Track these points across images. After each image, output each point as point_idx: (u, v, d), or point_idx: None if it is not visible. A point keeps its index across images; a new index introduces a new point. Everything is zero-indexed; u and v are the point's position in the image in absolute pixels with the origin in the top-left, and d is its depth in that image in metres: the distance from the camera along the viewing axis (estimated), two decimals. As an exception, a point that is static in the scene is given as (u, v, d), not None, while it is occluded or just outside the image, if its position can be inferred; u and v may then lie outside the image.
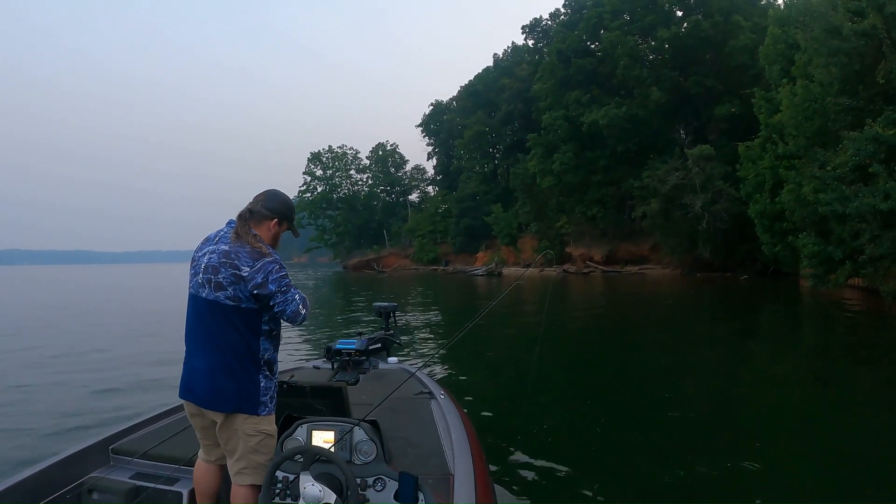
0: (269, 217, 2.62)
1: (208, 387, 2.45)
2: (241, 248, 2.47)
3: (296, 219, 2.85)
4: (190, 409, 2.59)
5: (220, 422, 2.49)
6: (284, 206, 2.69)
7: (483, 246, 63.75)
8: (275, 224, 2.64)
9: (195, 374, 2.49)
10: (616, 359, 10.46)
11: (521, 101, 59.49)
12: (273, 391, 2.56)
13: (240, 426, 2.46)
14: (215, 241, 2.56)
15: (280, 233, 2.70)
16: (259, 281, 2.42)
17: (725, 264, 36.85)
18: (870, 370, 9.05)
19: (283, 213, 2.67)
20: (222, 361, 2.45)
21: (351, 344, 4.63)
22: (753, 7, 41.60)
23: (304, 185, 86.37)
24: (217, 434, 2.54)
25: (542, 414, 6.28)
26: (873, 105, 17.65)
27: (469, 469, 2.65)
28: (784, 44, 26.41)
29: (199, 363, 2.49)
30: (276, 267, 2.47)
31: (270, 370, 2.55)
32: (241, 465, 2.48)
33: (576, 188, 47.88)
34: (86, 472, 2.95)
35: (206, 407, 2.48)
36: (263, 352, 2.51)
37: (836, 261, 18.67)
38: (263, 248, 2.49)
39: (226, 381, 2.43)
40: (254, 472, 2.47)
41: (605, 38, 45.08)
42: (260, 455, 2.48)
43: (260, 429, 2.49)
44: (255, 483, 2.47)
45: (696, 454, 5.05)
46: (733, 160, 32.13)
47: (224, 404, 2.44)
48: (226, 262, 2.46)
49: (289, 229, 2.74)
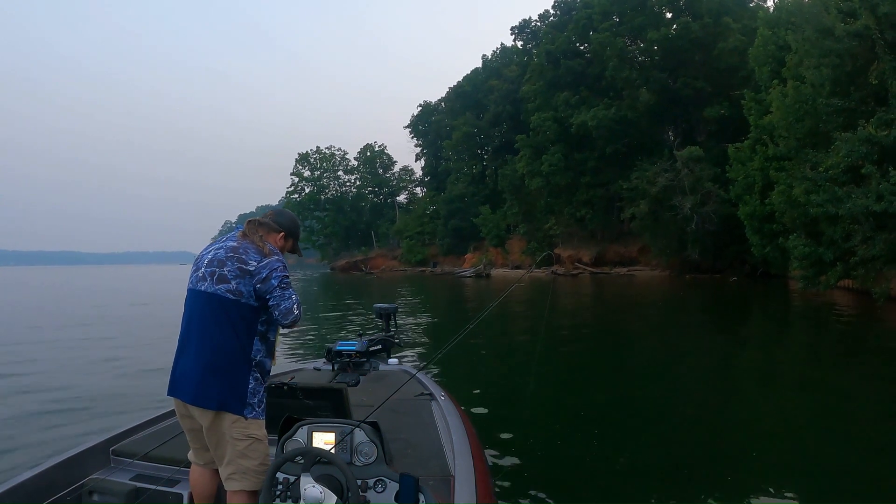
0: (276, 230, 2.74)
1: (196, 383, 2.42)
2: (248, 245, 2.56)
3: (264, 217, 2.87)
4: (178, 409, 2.56)
5: (207, 425, 2.44)
6: (292, 223, 2.84)
7: (471, 247, 63.58)
8: (281, 238, 2.76)
9: (184, 371, 2.47)
10: (612, 360, 10.60)
11: (509, 102, 59.39)
12: (262, 395, 2.52)
13: (227, 430, 2.42)
14: (222, 240, 2.65)
15: (285, 248, 2.79)
16: (264, 275, 2.48)
17: (714, 266, 36.85)
18: (861, 370, 9.16)
19: (289, 229, 2.80)
20: (212, 358, 2.42)
21: (351, 345, 4.64)
22: (743, 9, 41.62)
23: (291, 186, 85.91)
24: (206, 438, 2.50)
25: (543, 415, 6.38)
26: (865, 106, 17.56)
27: (469, 470, 2.65)
28: (774, 45, 26.41)
29: (189, 359, 2.46)
30: (280, 266, 2.54)
31: (261, 373, 2.53)
32: (229, 469, 2.45)
33: (564, 190, 47.75)
34: (86, 474, 2.96)
35: (191, 403, 2.43)
36: (255, 353, 2.50)
37: (826, 262, 18.58)
38: (268, 248, 2.58)
39: (213, 378, 2.40)
40: (243, 478, 2.43)
41: (594, 40, 44.96)
42: (248, 460, 2.44)
43: (248, 433, 2.44)
44: (244, 489, 2.43)
45: (694, 454, 5.16)
46: (722, 162, 32.09)
47: (209, 401, 2.40)
48: (233, 255, 2.52)
49: (293, 248, 2.86)
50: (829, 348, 11.71)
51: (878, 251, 15.82)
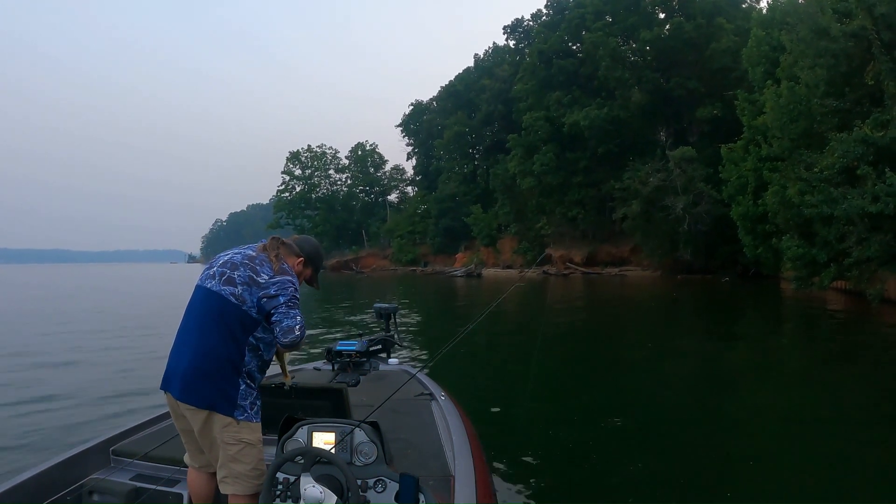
0: (296, 254, 2.70)
1: (186, 381, 2.39)
2: (265, 259, 2.54)
3: (288, 239, 2.82)
4: (171, 407, 2.53)
5: (199, 427, 2.43)
6: (315, 251, 2.83)
7: (462, 247, 63.48)
8: (300, 263, 2.72)
9: (176, 367, 2.45)
10: (608, 361, 10.60)
11: (501, 101, 59.22)
12: (254, 399, 2.48)
13: (218, 434, 2.40)
14: (244, 248, 2.64)
15: (303, 275, 2.76)
16: (272, 292, 2.46)
17: (706, 266, 36.85)
18: (855, 370, 9.15)
19: (310, 256, 2.77)
20: (204, 359, 2.39)
21: (351, 345, 4.64)
22: (736, 10, 41.72)
23: (282, 185, 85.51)
24: (199, 440, 2.49)
25: (543, 415, 6.40)
26: (860, 107, 17.52)
27: (470, 470, 2.64)
28: (768, 46, 26.39)
29: (182, 356, 2.44)
30: (292, 288, 2.51)
31: (252, 380, 2.49)
32: (222, 473, 2.44)
33: (556, 189, 47.69)
34: (86, 474, 2.95)
35: (181, 399, 2.41)
36: (248, 363, 2.46)
37: (820, 263, 18.54)
38: (282, 267, 2.55)
39: (203, 379, 2.38)
40: (235, 482, 2.42)
41: (586, 39, 44.95)
42: (240, 465, 2.41)
43: (239, 437, 2.41)
44: (237, 493, 2.42)
45: (692, 454, 5.19)
46: (715, 162, 32.14)
47: (199, 400, 2.38)
48: (248, 263, 2.51)
49: (311, 278, 2.83)
50: (824, 349, 11.64)
51: (873, 252, 15.75)
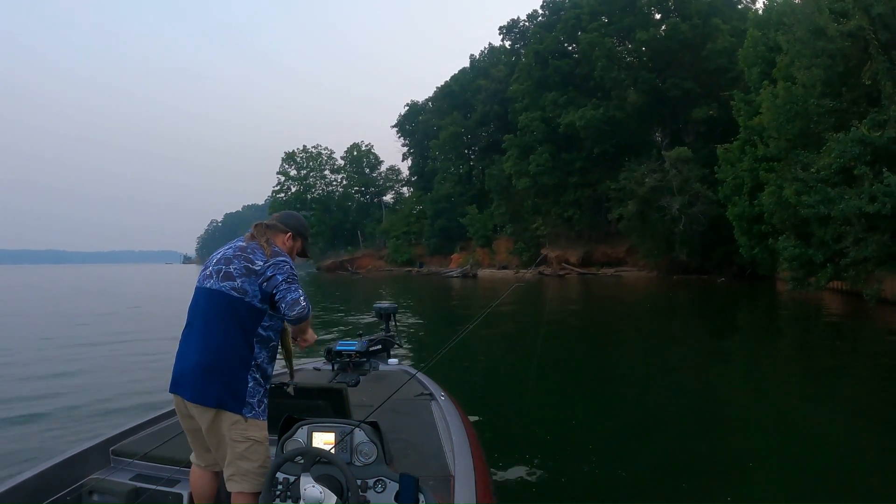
0: (283, 231, 2.76)
1: (195, 381, 2.41)
2: (256, 246, 2.58)
3: (270, 220, 2.85)
4: (179, 408, 2.54)
5: (207, 425, 2.43)
6: (299, 222, 2.85)
7: (458, 247, 63.35)
8: (289, 238, 2.77)
9: (184, 368, 2.46)
10: (607, 361, 10.62)
11: (497, 102, 59.13)
12: (262, 396, 2.51)
13: (227, 432, 2.41)
14: (233, 242, 2.68)
15: (294, 248, 2.80)
16: (269, 274, 2.49)
17: (702, 267, 36.81)
18: (852, 371, 9.13)
19: (296, 229, 2.80)
20: (213, 356, 2.42)
21: (351, 345, 4.63)
22: (732, 10, 41.81)
23: (277, 185, 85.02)
24: (206, 439, 2.50)
25: (543, 415, 6.38)
26: (857, 107, 17.52)
27: (469, 470, 2.65)
28: (764, 46, 26.42)
29: (190, 357, 2.46)
30: (287, 266, 2.55)
31: (262, 375, 2.51)
32: (229, 471, 2.45)
33: (552, 190, 47.64)
34: (86, 474, 2.95)
35: (190, 400, 2.42)
36: (257, 356, 2.49)
37: (816, 264, 18.53)
38: (273, 250, 2.58)
39: (212, 376, 2.39)
40: (242, 479, 2.43)
41: (582, 40, 44.93)
42: (248, 462, 2.43)
43: (247, 435, 2.42)
44: (243, 490, 2.43)
45: (691, 454, 5.21)
46: (711, 162, 32.11)
47: (208, 399, 2.39)
48: (240, 254, 2.54)
49: (302, 249, 2.85)
50: (821, 350, 11.62)
51: (870, 252, 15.78)
